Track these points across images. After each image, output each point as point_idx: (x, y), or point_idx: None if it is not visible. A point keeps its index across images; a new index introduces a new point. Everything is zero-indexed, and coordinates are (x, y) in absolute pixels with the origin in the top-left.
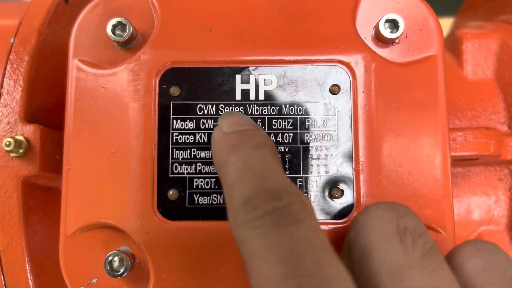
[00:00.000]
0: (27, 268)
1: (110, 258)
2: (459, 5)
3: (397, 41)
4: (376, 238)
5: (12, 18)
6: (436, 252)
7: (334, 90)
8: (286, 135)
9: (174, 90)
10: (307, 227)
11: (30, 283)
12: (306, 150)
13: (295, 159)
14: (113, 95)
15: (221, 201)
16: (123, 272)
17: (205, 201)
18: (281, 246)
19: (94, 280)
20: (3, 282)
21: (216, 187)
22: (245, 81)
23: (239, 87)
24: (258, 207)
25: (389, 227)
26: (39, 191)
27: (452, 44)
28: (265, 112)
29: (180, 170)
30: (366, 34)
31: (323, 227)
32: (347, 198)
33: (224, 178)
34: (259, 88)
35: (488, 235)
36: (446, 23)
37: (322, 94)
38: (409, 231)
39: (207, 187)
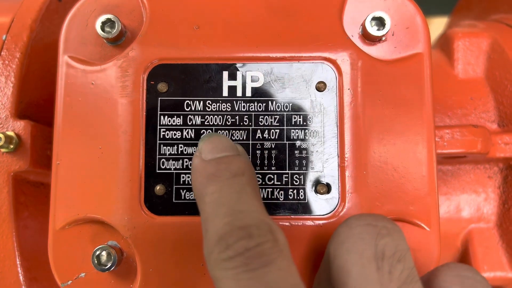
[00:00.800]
0: (18, 262)
1: (98, 253)
2: (454, 4)
3: (383, 38)
4: (354, 262)
5: (5, 15)
6: (414, 279)
7: (320, 87)
8: (272, 132)
9: (162, 87)
10: (277, 269)
11: (21, 277)
12: (292, 146)
13: (281, 155)
14: (101, 91)
15: None
16: (111, 266)
17: (191, 197)
18: None
19: (82, 274)
20: None
21: None
22: (232, 77)
23: (226, 83)
24: (230, 247)
25: (367, 250)
26: (30, 187)
27: (444, 43)
28: (252, 108)
29: (167, 165)
30: (353, 32)
31: (309, 222)
32: (333, 194)
33: (201, 209)
34: (246, 84)
35: (478, 233)
36: (442, 21)
37: (309, 91)
38: (387, 256)
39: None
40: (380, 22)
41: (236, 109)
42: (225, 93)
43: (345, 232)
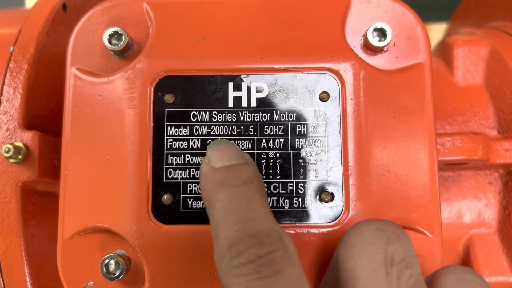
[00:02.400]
0: (26, 271)
1: (106, 261)
2: (453, 11)
3: (385, 49)
4: (363, 266)
5: (12, 26)
6: (421, 285)
7: (324, 97)
8: (277, 141)
9: (169, 98)
10: (287, 277)
11: (29, 286)
12: (297, 155)
13: (286, 164)
14: (109, 102)
15: None
16: (119, 275)
17: (198, 206)
18: None
19: (91, 283)
20: (2, 285)
21: None
22: (238, 88)
23: (231, 94)
24: (242, 254)
25: (377, 255)
26: (37, 196)
27: (443, 51)
28: (257, 118)
29: (174, 175)
30: (355, 43)
31: (313, 230)
32: (337, 202)
33: (211, 215)
34: (251, 95)
35: (479, 238)
36: (440, 28)
37: (312, 101)
38: (396, 262)
39: (200, 192)
40: (381, 33)
41: (241, 119)
42: (230, 103)
43: (355, 236)
